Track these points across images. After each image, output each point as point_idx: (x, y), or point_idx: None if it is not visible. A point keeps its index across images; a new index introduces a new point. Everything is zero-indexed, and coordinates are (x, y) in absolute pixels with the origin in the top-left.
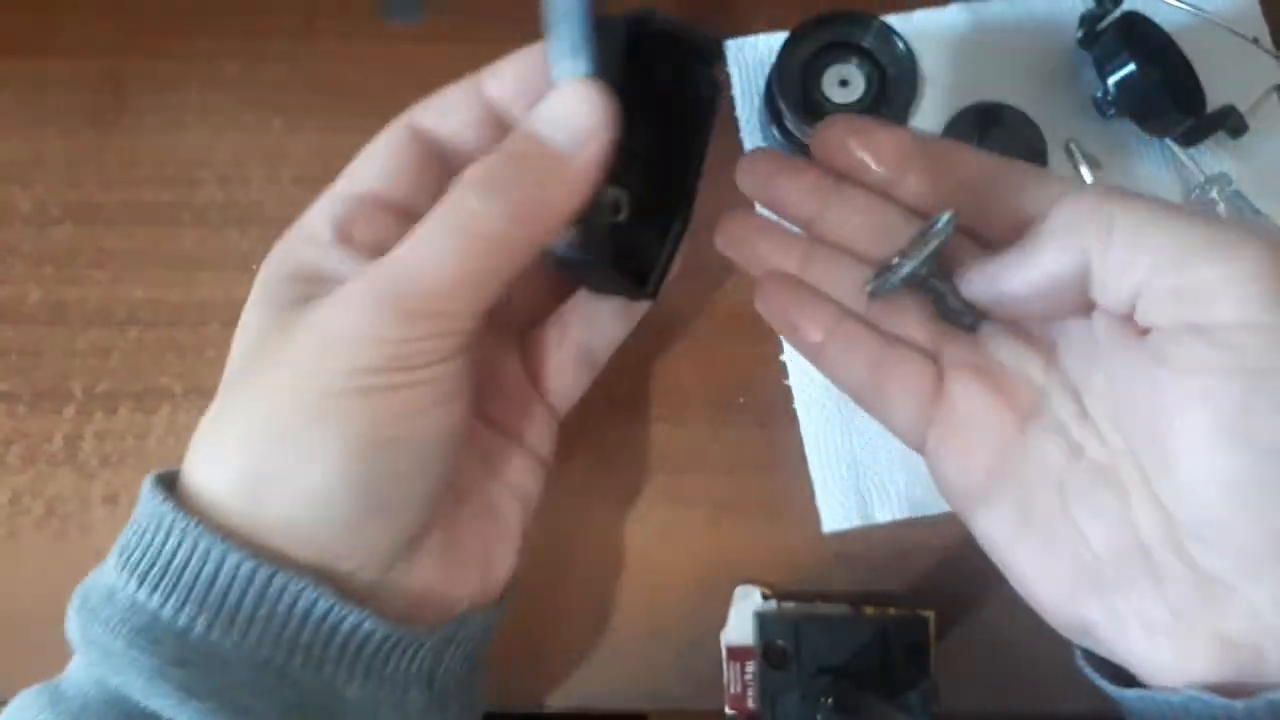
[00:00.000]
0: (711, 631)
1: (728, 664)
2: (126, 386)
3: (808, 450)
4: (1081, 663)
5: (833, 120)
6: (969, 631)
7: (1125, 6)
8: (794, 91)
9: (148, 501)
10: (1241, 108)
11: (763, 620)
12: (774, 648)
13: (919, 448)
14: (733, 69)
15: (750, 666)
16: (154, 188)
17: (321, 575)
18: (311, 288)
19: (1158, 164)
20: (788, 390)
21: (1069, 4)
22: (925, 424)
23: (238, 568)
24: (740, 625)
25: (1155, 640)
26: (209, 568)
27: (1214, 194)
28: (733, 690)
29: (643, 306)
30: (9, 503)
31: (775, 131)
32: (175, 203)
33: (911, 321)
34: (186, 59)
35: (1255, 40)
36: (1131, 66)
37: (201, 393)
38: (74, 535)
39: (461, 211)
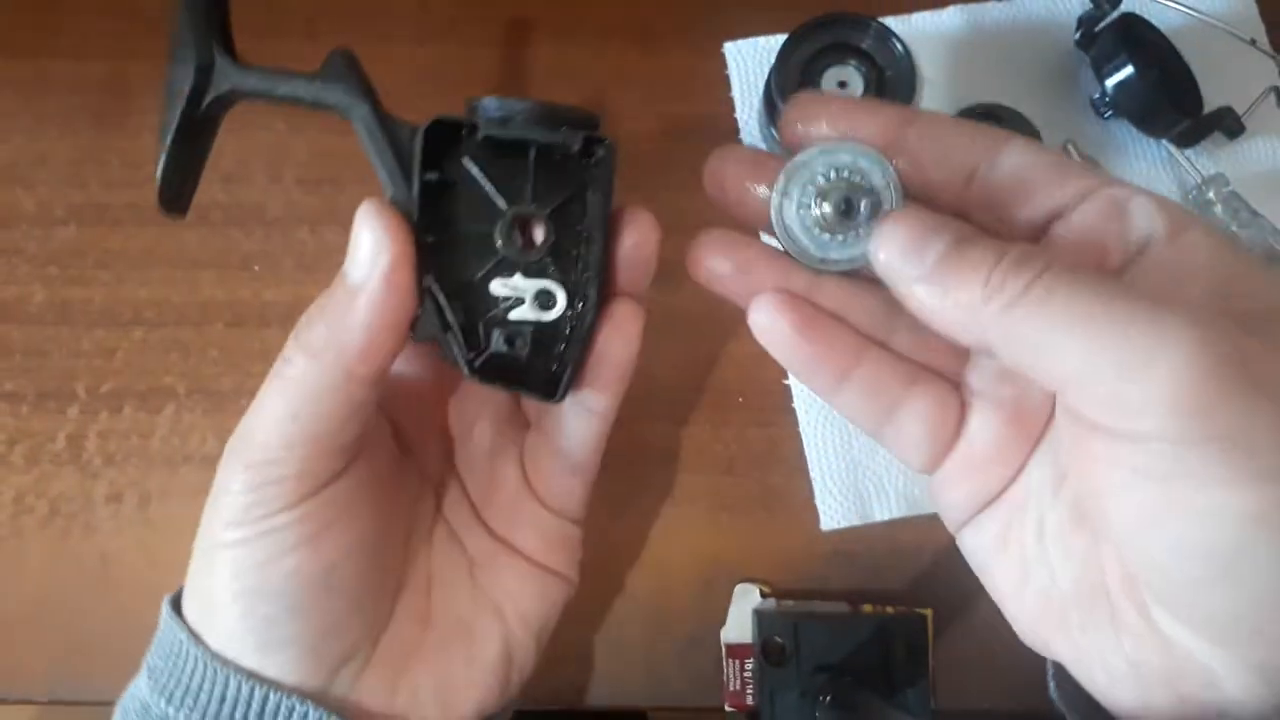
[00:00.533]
0: (711, 629)
1: (727, 661)
2: (130, 386)
3: (806, 449)
4: (1054, 696)
5: (798, 98)
6: (967, 630)
7: (1123, 8)
8: (793, 93)
9: (169, 628)
10: (1238, 109)
11: (762, 618)
12: (773, 645)
13: (923, 472)
14: (732, 70)
15: (749, 664)
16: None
17: (306, 693)
18: None
19: (1155, 165)
20: (788, 390)
21: (1066, 6)
22: (940, 456)
23: (238, 690)
24: (739, 623)
25: (1116, 684)
26: (218, 689)
27: (1210, 195)
28: (732, 688)
29: (602, 403)
30: (13, 502)
31: (774, 133)
32: None
33: (933, 342)
34: None
35: (1252, 41)
36: (1129, 68)
37: (205, 393)
38: (77, 535)
39: (277, 362)
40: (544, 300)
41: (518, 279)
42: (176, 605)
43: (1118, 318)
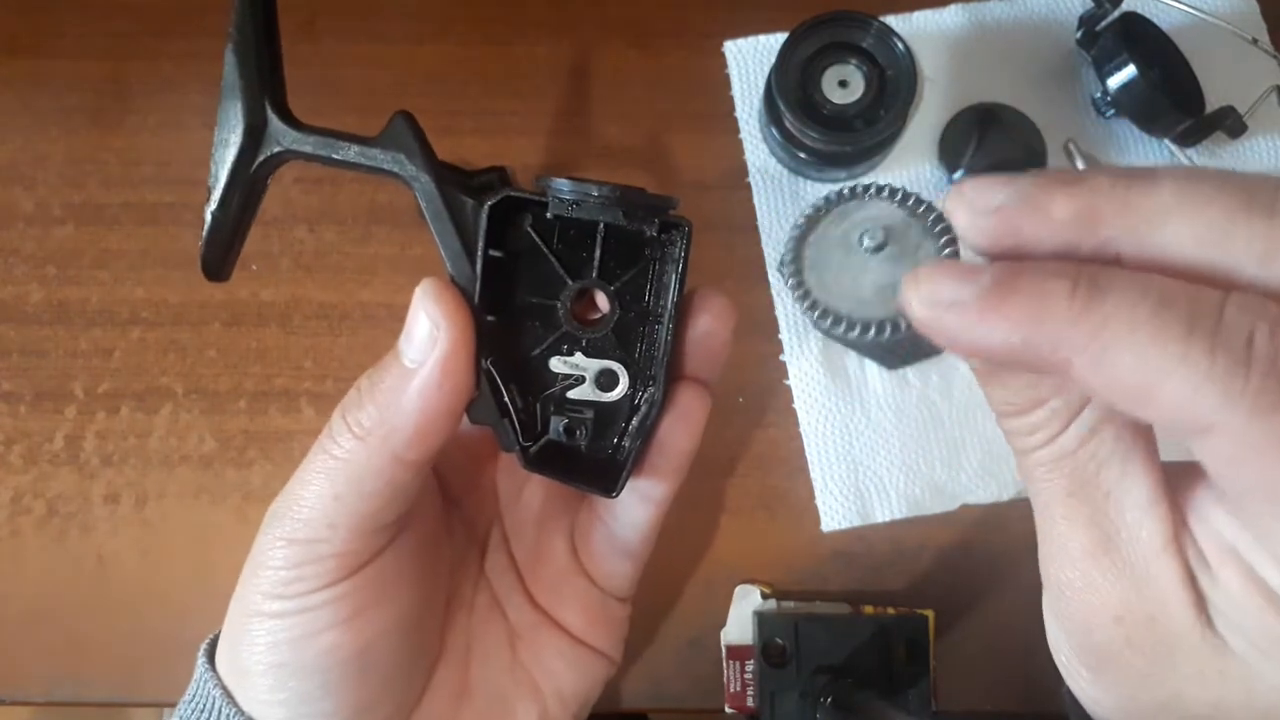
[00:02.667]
0: (711, 630)
1: (727, 663)
2: (128, 386)
3: (807, 450)
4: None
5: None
6: (969, 631)
7: (1124, 7)
8: (793, 92)
9: (204, 684)
10: (1240, 108)
11: (762, 619)
12: (773, 646)
13: None
14: (732, 69)
15: (750, 665)
16: (156, 188)
17: None
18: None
19: (1156, 164)
20: (788, 390)
21: (1068, 5)
22: None
23: None
24: (740, 624)
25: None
26: None
27: None
28: (732, 689)
29: (660, 491)
30: (11, 502)
31: (775, 132)
32: (177, 203)
33: None
34: (188, 59)
35: (1254, 41)
36: (1130, 67)
37: (202, 392)
38: (75, 535)
39: (320, 440)
40: (606, 381)
41: (579, 357)
42: (212, 652)
43: None
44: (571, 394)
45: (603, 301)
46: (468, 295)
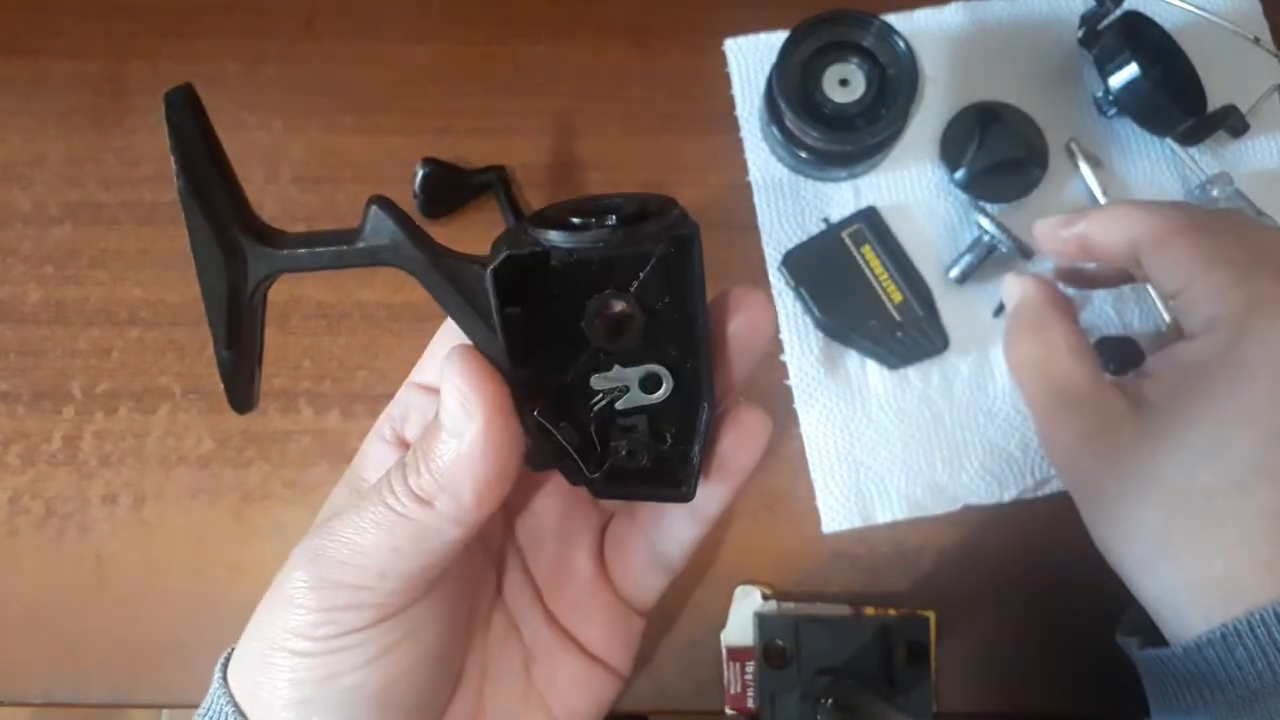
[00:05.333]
0: (712, 631)
1: (728, 664)
2: (126, 386)
3: (808, 450)
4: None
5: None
6: (969, 632)
7: (1126, 6)
8: (794, 91)
9: (219, 698)
10: (1242, 107)
11: (763, 620)
12: (774, 648)
13: None
14: (732, 68)
15: (750, 666)
16: (154, 188)
17: None
18: (350, 500)
19: (1158, 163)
20: (788, 390)
21: (1069, 3)
22: None
23: None
24: (740, 625)
25: None
26: None
27: (1214, 194)
28: (733, 690)
29: (714, 508)
30: (8, 502)
31: (775, 131)
32: (175, 202)
33: None
34: (186, 59)
35: (1256, 40)
36: (1132, 66)
37: (201, 393)
38: (73, 535)
39: (380, 491)
40: (650, 384)
41: (617, 369)
42: (226, 669)
43: None
44: (619, 404)
45: (625, 311)
46: (495, 358)
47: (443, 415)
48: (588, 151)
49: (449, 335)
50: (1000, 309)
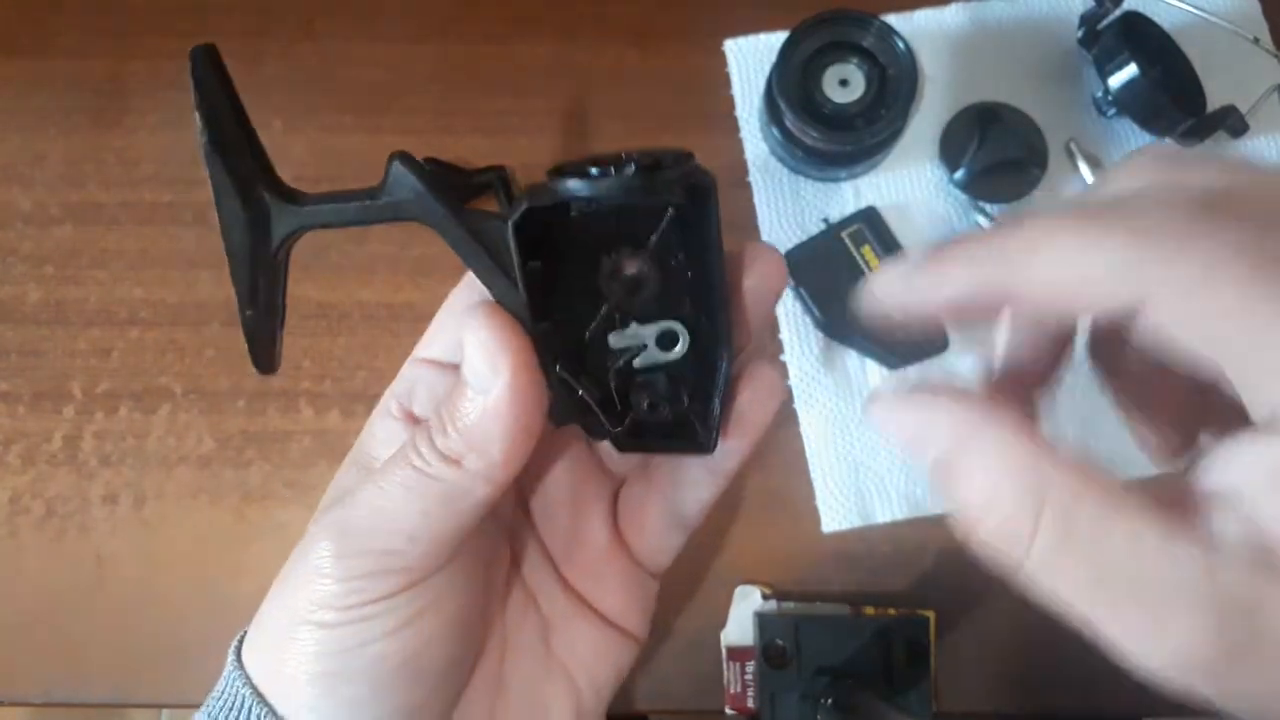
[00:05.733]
0: (712, 631)
1: (728, 664)
2: (126, 386)
3: (808, 450)
4: None
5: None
6: (969, 632)
7: (1126, 6)
8: (794, 91)
9: (231, 678)
10: (1242, 107)
11: (763, 620)
12: (774, 647)
13: None
14: (732, 68)
15: (750, 666)
16: (154, 188)
17: None
18: (361, 477)
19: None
20: (788, 390)
21: (1069, 4)
22: None
23: None
24: (740, 625)
25: None
26: None
27: None
28: (733, 690)
29: (732, 463)
30: (9, 502)
31: (775, 131)
32: (175, 202)
33: None
34: (188, 59)
35: (1256, 40)
36: (1132, 66)
37: (201, 392)
38: (73, 535)
39: (405, 454)
40: (667, 340)
41: (634, 327)
42: (240, 652)
43: None
44: (636, 362)
45: (640, 267)
46: (517, 313)
47: (467, 372)
48: (588, 151)
49: (454, 310)
50: None
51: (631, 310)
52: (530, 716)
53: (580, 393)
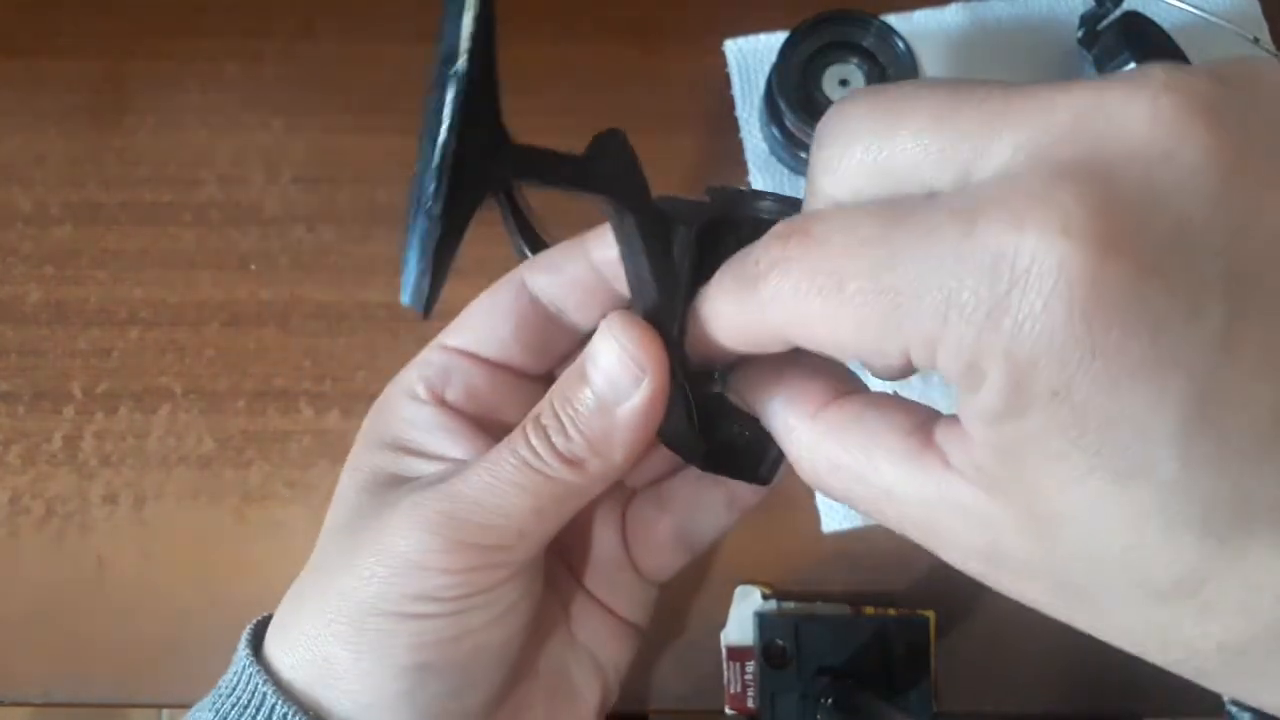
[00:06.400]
0: (711, 631)
1: (728, 664)
2: (126, 386)
3: None
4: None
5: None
6: (969, 632)
7: (1126, 6)
8: (794, 91)
9: (248, 674)
10: None
11: (763, 620)
12: (774, 647)
13: None
14: (732, 68)
15: (750, 666)
16: (154, 188)
17: None
18: (401, 460)
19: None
20: None
21: (1069, 4)
22: None
23: None
24: (740, 625)
25: None
26: None
27: None
28: (733, 690)
29: (753, 496)
30: (9, 502)
31: (775, 131)
32: (175, 203)
33: None
34: (187, 59)
35: (1256, 40)
36: (1132, 66)
37: (201, 393)
38: (74, 535)
39: (519, 452)
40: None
41: None
42: (257, 645)
43: None
44: (719, 388)
45: None
46: (662, 323)
47: (601, 379)
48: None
49: (494, 305)
50: None
51: None
52: (563, 701)
53: (690, 406)
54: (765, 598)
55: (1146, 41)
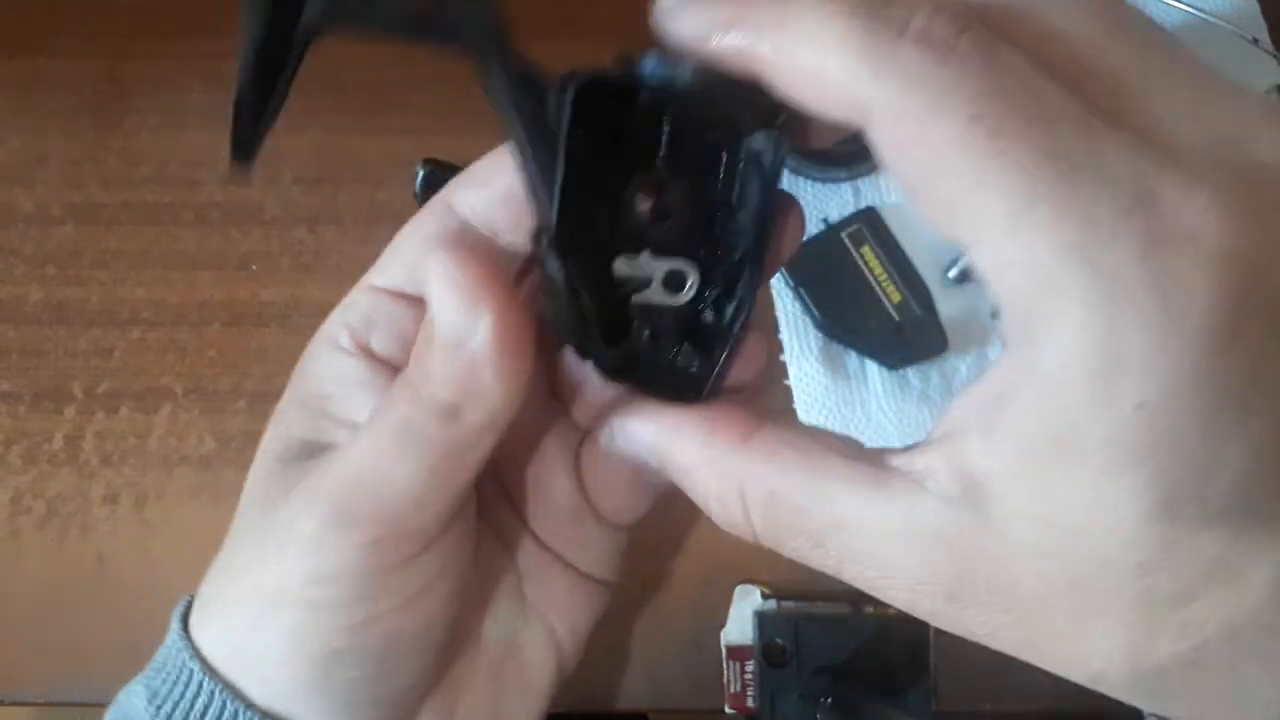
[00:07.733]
0: (711, 630)
1: (728, 663)
2: (127, 386)
3: None
4: None
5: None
6: None
7: None
8: None
9: (177, 650)
10: None
11: (762, 619)
12: (774, 647)
13: None
14: None
15: (750, 665)
16: (155, 188)
17: None
18: (317, 424)
19: None
20: (788, 390)
21: None
22: None
23: None
24: (740, 624)
25: None
26: None
27: None
28: (733, 689)
29: None
30: (10, 502)
31: None
32: (176, 203)
33: None
34: (187, 59)
35: (1255, 40)
36: None
37: (202, 393)
38: (75, 535)
39: (392, 416)
40: (673, 282)
41: (644, 257)
42: (188, 624)
43: None
44: (635, 298)
45: (672, 194)
46: (541, 196)
47: (440, 320)
48: None
49: (418, 233)
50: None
51: (647, 238)
52: (512, 672)
53: (583, 300)
54: (765, 597)
55: None
